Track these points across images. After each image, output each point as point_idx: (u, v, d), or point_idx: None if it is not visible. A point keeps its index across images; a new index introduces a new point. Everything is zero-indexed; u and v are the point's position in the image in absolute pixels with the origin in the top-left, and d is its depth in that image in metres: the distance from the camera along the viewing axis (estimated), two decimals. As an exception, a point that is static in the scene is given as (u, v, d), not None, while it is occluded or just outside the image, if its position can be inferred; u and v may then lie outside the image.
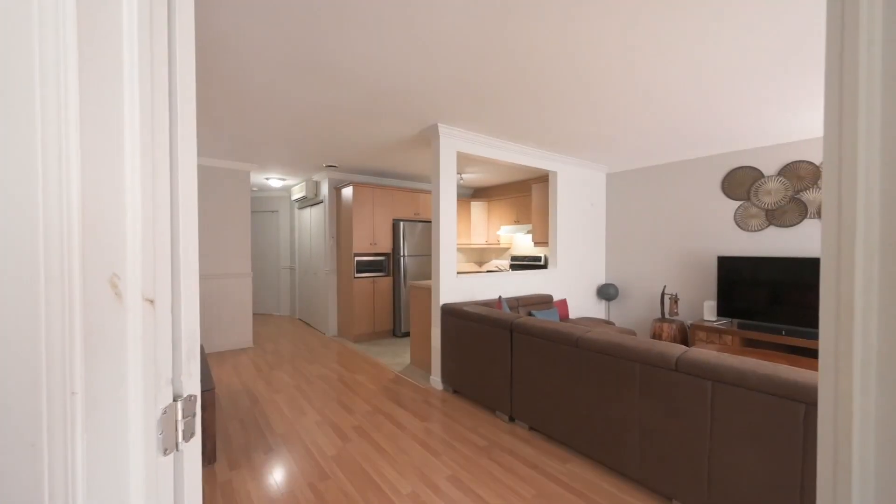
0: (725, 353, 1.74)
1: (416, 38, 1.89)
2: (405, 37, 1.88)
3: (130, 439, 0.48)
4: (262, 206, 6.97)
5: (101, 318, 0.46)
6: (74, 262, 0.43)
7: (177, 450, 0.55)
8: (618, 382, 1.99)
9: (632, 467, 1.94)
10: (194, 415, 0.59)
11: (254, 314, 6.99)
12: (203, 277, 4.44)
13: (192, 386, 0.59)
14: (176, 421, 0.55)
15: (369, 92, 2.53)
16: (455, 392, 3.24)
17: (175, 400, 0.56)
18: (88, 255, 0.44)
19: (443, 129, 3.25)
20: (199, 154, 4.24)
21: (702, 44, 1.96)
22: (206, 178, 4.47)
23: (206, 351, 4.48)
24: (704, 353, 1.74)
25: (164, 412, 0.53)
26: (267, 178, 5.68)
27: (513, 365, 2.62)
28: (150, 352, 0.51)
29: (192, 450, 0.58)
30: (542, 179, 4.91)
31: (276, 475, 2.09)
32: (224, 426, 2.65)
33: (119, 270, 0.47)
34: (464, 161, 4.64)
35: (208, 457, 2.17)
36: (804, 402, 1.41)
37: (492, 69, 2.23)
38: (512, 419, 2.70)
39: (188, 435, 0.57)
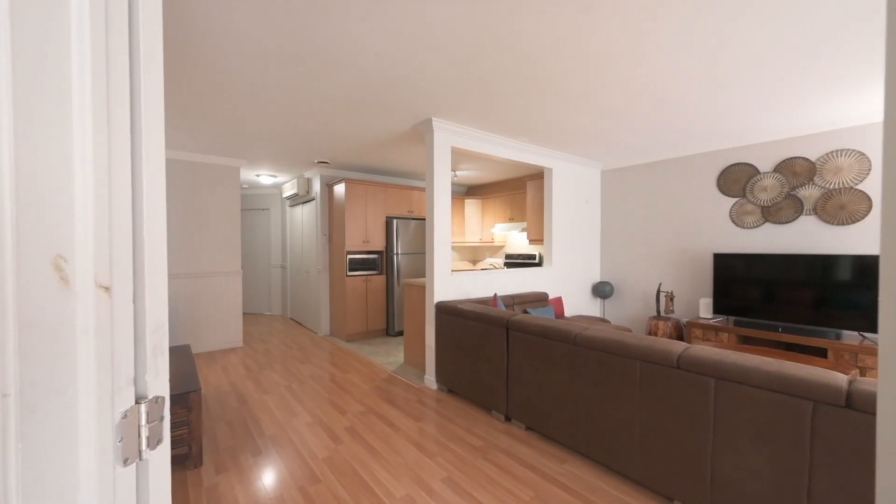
0: (728, 350, 1.70)
1: (410, 26, 1.82)
2: (399, 25, 1.82)
3: (81, 449, 0.41)
4: (252, 204, 6.84)
5: (42, 305, 0.39)
6: (6, 235, 0.36)
7: (140, 459, 0.48)
8: (617, 380, 1.94)
9: (632, 468, 1.89)
10: (162, 419, 0.51)
11: (244, 313, 6.86)
12: (191, 275, 4.32)
13: (160, 386, 0.52)
14: (139, 426, 0.48)
15: (361, 83, 2.45)
16: (450, 391, 3.18)
17: (138, 402, 0.48)
18: (24, 230, 0.37)
19: (437, 124, 3.18)
20: (186, 150, 4.12)
21: (696, 40, 1.93)
22: (194, 174, 4.35)
23: (194, 351, 4.36)
24: (707, 349, 1.70)
25: (125, 416, 0.46)
26: (257, 175, 5.57)
27: (509, 363, 2.56)
28: (106, 347, 0.44)
29: (160, 459, 0.51)
30: (537, 176, 4.87)
31: (265, 479, 2.01)
32: (211, 428, 2.56)
33: (65, 251, 0.40)
34: (458, 157, 4.58)
35: (194, 460, 2.08)
36: (812, 399, 1.37)
37: (488, 61, 2.17)
38: (508, 419, 2.65)
39: (154, 442, 0.50)
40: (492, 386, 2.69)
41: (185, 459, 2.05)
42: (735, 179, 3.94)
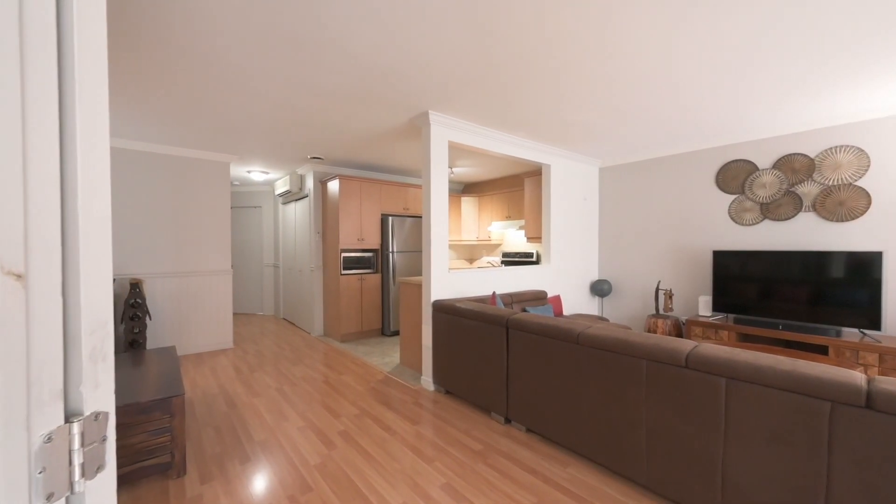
0: (739, 349, 1.63)
1: (408, 11, 1.73)
2: (396, 10, 1.72)
3: (-21, 485, 0.32)
4: (244, 202, 6.69)
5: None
6: None
7: (72, 492, 0.39)
8: (622, 380, 1.87)
9: (638, 471, 1.82)
10: (105, 439, 0.42)
11: (236, 314, 6.71)
12: (179, 274, 4.18)
13: (101, 399, 0.42)
14: (70, 451, 0.39)
15: (356, 73, 2.35)
16: (447, 393, 3.09)
17: (69, 420, 0.39)
18: None
19: (434, 117, 3.09)
20: (172, 144, 3.99)
21: (702, 37, 1.86)
22: (181, 169, 4.21)
23: (182, 352, 4.22)
24: (717, 348, 1.63)
25: (48, 440, 0.37)
26: (249, 171, 5.43)
27: (509, 363, 2.48)
28: (19, 350, 0.34)
29: (102, 489, 0.42)
30: (535, 173, 4.80)
31: (253, 488, 1.91)
32: (197, 434, 2.44)
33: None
34: (454, 154, 4.49)
35: (177, 469, 1.96)
36: (829, 399, 1.30)
37: (489, 50, 2.08)
38: (508, 420, 2.57)
39: (93, 469, 0.40)
40: (491, 387, 2.60)
41: (167, 468, 1.94)
42: (734, 176, 3.90)
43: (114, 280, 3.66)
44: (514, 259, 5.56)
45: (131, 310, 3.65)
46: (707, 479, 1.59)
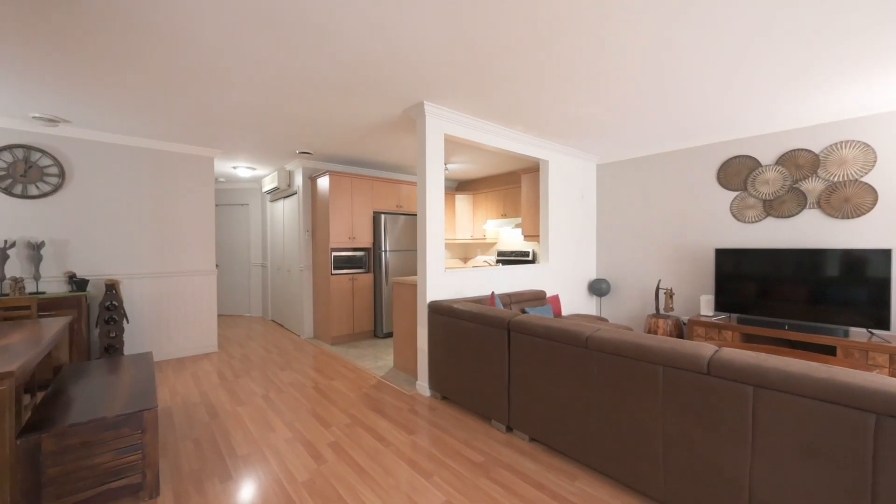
0: (765, 353, 1.51)
1: (402, -20, 1.57)
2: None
3: None
4: (230, 199, 6.44)
5: None
6: None
7: None
8: (636, 388, 1.73)
9: (654, 485, 1.68)
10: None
11: (221, 315, 6.47)
12: (159, 275, 3.95)
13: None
14: None
15: (348, 58, 2.17)
16: (444, 399, 2.93)
17: None
18: None
19: (429, 109, 2.93)
20: (152, 137, 3.75)
21: (708, 32, 1.73)
22: (162, 164, 3.98)
23: (163, 358, 4.00)
24: (741, 353, 1.50)
25: None
26: (234, 167, 5.20)
27: (510, 368, 2.33)
28: None
29: None
30: (532, 170, 4.67)
31: (234, 510, 1.73)
32: (174, 448, 2.25)
33: None
34: (449, 150, 4.33)
35: (149, 490, 1.78)
36: (875, 412, 1.18)
37: (487, 39, 1.93)
38: (510, 429, 2.42)
39: None
40: (491, 392, 2.45)
41: (138, 490, 1.75)
42: (736, 172, 3.81)
43: (88, 281, 3.43)
44: (510, 258, 5.42)
45: (107, 313, 3.42)
46: (731, 496, 1.46)
